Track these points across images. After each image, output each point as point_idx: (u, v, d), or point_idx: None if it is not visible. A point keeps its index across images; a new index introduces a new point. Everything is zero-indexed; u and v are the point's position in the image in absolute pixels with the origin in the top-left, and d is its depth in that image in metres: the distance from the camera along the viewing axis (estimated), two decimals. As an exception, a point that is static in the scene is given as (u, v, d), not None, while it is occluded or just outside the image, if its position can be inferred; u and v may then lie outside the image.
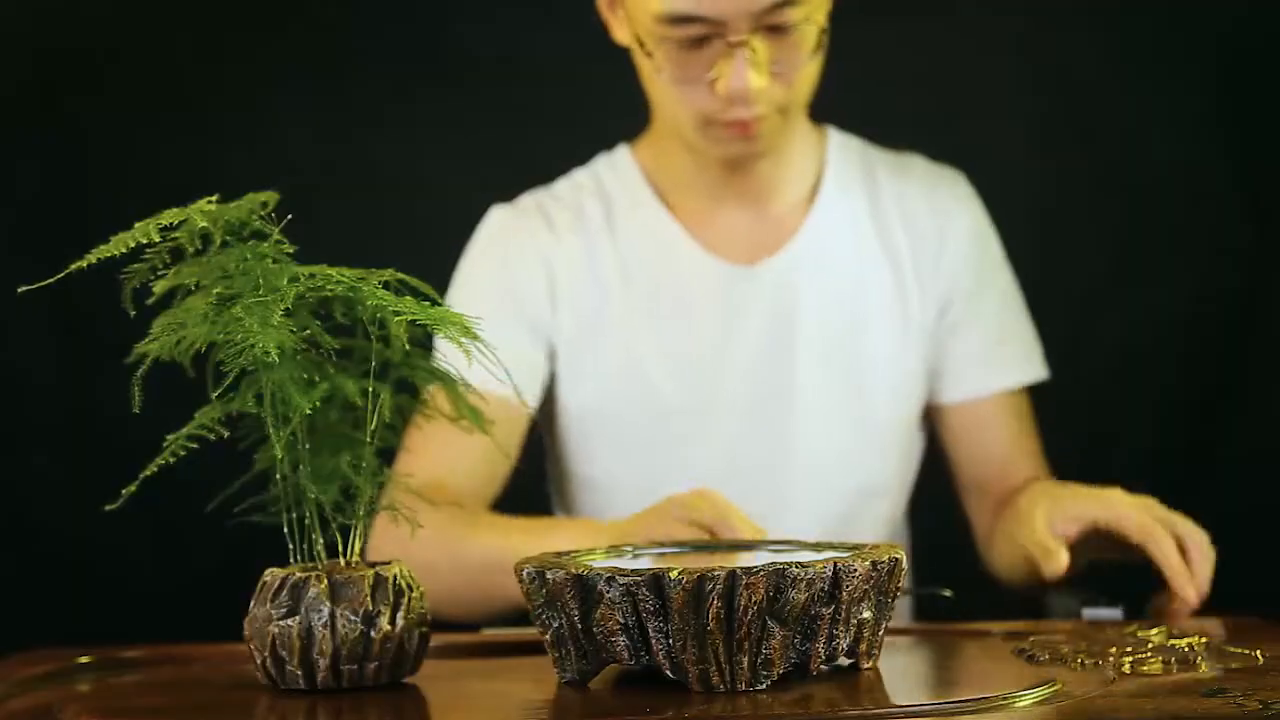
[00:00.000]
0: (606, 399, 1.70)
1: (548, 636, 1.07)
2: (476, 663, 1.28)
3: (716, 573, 1.00)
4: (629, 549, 1.22)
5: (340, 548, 1.14)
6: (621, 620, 1.03)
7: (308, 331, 1.11)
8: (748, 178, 1.70)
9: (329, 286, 1.09)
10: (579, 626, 1.05)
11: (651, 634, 1.03)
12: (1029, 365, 1.76)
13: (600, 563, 1.11)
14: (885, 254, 1.72)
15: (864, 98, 2.13)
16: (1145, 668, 1.10)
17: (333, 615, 1.08)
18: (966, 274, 1.73)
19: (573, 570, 1.04)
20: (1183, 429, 2.15)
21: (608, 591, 1.03)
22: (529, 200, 1.76)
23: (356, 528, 1.14)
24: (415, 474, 1.40)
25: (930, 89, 2.18)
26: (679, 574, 1.01)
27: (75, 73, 2.16)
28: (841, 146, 1.76)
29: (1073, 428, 2.17)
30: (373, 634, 1.08)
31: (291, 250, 1.10)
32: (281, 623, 1.08)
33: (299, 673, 1.08)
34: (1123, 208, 2.17)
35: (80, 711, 1.06)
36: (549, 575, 1.05)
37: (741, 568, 1.00)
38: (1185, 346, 2.14)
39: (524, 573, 1.07)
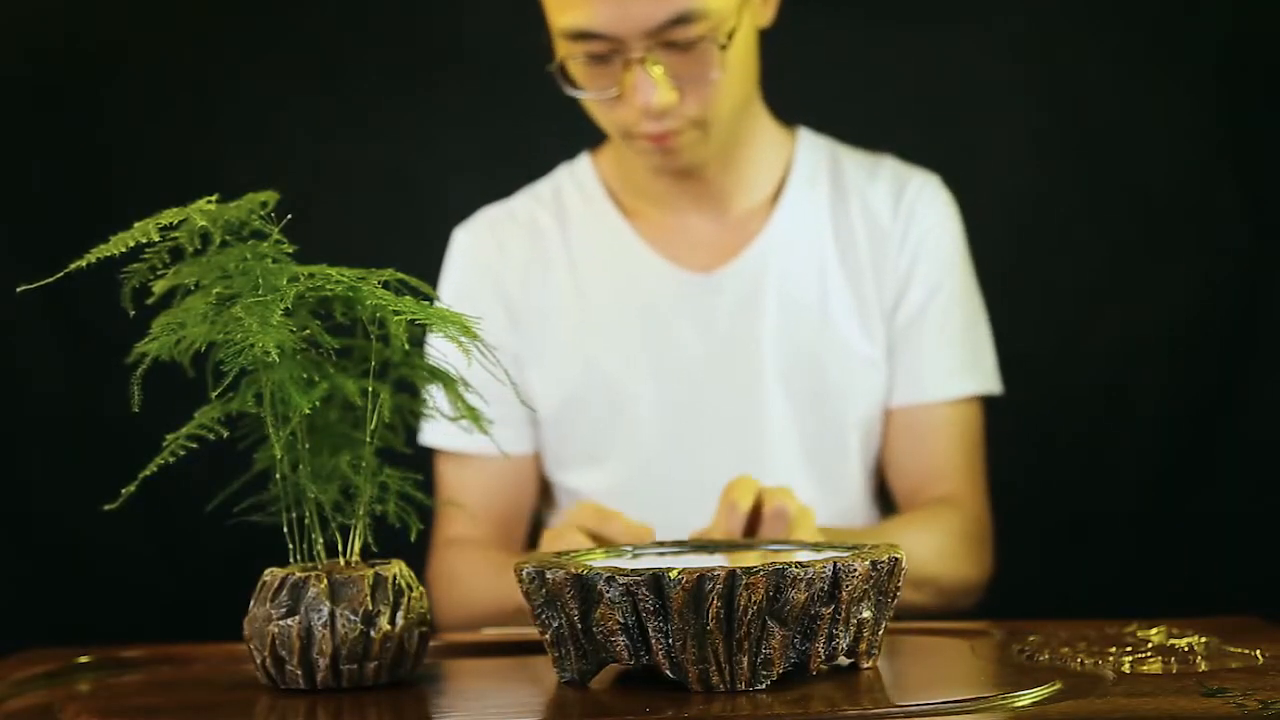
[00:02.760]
0: (572, 411, 1.70)
1: (547, 636, 1.07)
2: (476, 663, 1.28)
3: (716, 573, 1.00)
4: (628, 549, 1.22)
5: (340, 547, 1.14)
6: (621, 620, 1.03)
7: (307, 331, 1.11)
8: (702, 183, 1.69)
9: (329, 286, 1.09)
10: (579, 626, 1.05)
11: (651, 634, 1.03)
12: (973, 377, 1.71)
13: (600, 562, 1.11)
14: (845, 255, 1.70)
15: (860, 101, 2.14)
16: (1145, 668, 1.09)
17: (332, 615, 1.08)
18: (921, 276, 1.70)
19: (572, 570, 1.04)
20: (1183, 429, 2.15)
21: (607, 591, 1.03)
22: (483, 221, 1.78)
23: (356, 527, 1.14)
24: (469, 512, 1.68)
25: (927, 91, 2.18)
26: (679, 574, 1.01)
27: (76, 72, 2.16)
28: (810, 148, 1.75)
29: (1072, 428, 2.18)
30: (372, 634, 1.08)
31: (291, 250, 1.11)
32: (281, 622, 1.08)
33: (299, 672, 1.08)
34: (1121, 208, 2.17)
35: (80, 711, 1.06)
36: (549, 575, 1.05)
37: (741, 568, 1.00)
38: (1185, 346, 2.14)
39: (524, 572, 1.07)
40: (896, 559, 1.07)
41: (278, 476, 1.14)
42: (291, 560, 1.14)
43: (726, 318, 1.69)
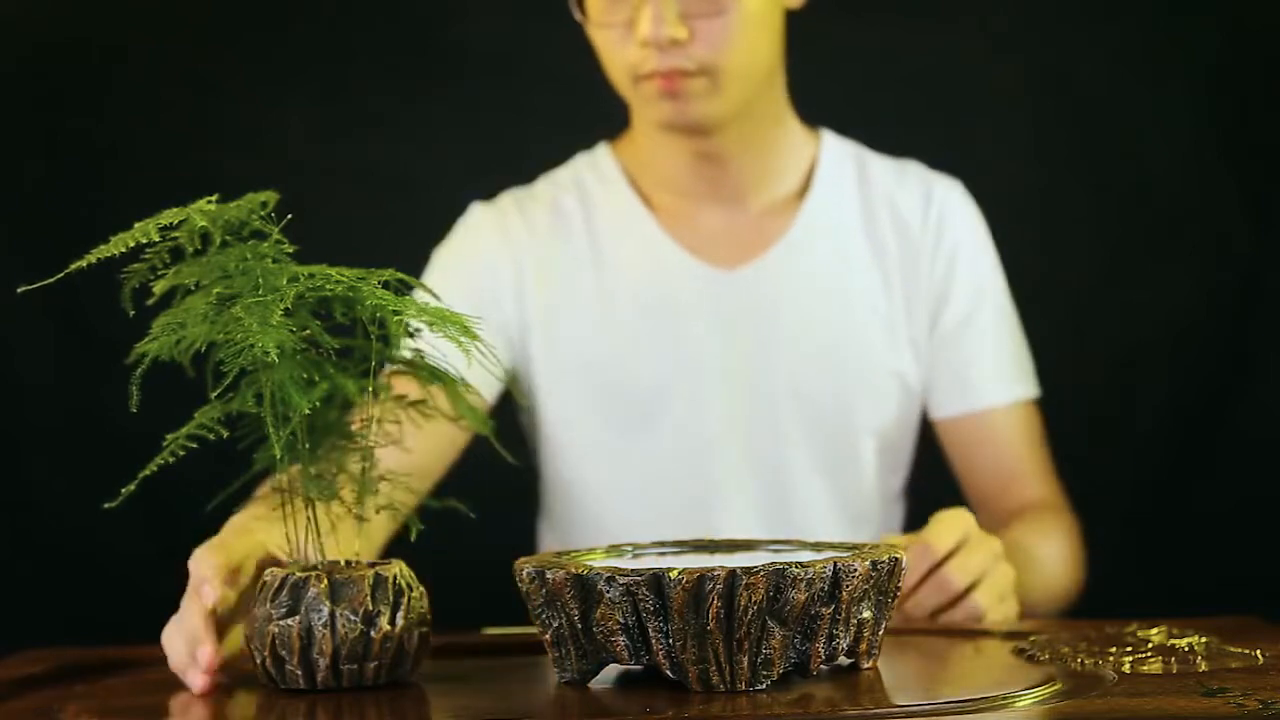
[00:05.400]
0: (582, 397, 1.69)
1: (548, 636, 1.07)
2: (476, 663, 1.28)
3: (716, 572, 1.00)
4: (628, 548, 1.22)
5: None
6: (621, 620, 1.03)
7: (307, 331, 1.11)
8: (721, 170, 1.68)
9: (329, 286, 1.09)
10: (579, 626, 1.05)
11: (651, 634, 1.03)
12: (1019, 382, 1.74)
13: (600, 562, 1.11)
14: (874, 259, 1.71)
15: (859, 99, 2.14)
16: (1145, 668, 1.09)
17: (332, 615, 1.08)
18: (959, 288, 1.72)
19: (573, 570, 1.04)
20: (1181, 428, 2.15)
21: (608, 591, 1.03)
22: (507, 198, 1.77)
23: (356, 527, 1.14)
24: (412, 471, 1.46)
25: (928, 89, 2.18)
26: (679, 574, 1.01)
27: (76, 71, 2.16)
28: (835, 149, 1.75)
29: (1072, 428, 2.18)
30: (372, 634, 1.08)
31: (291, 250, 1.11)
32: (281, 623, 1.08)
33: (299, 672, 1.08)
34: (1121, 207, 2.17)
35: (80, 711, 1.06)
36: (549, 575, 1.05)
37: (741, 567, 1.00)
38: (1184, 346, 2.14)
39: (524, 572, 1.07)
40: (896, 559, 1.07)
41: (278, 476, 1.13)
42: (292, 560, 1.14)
43: (746, 313, 1.68)
